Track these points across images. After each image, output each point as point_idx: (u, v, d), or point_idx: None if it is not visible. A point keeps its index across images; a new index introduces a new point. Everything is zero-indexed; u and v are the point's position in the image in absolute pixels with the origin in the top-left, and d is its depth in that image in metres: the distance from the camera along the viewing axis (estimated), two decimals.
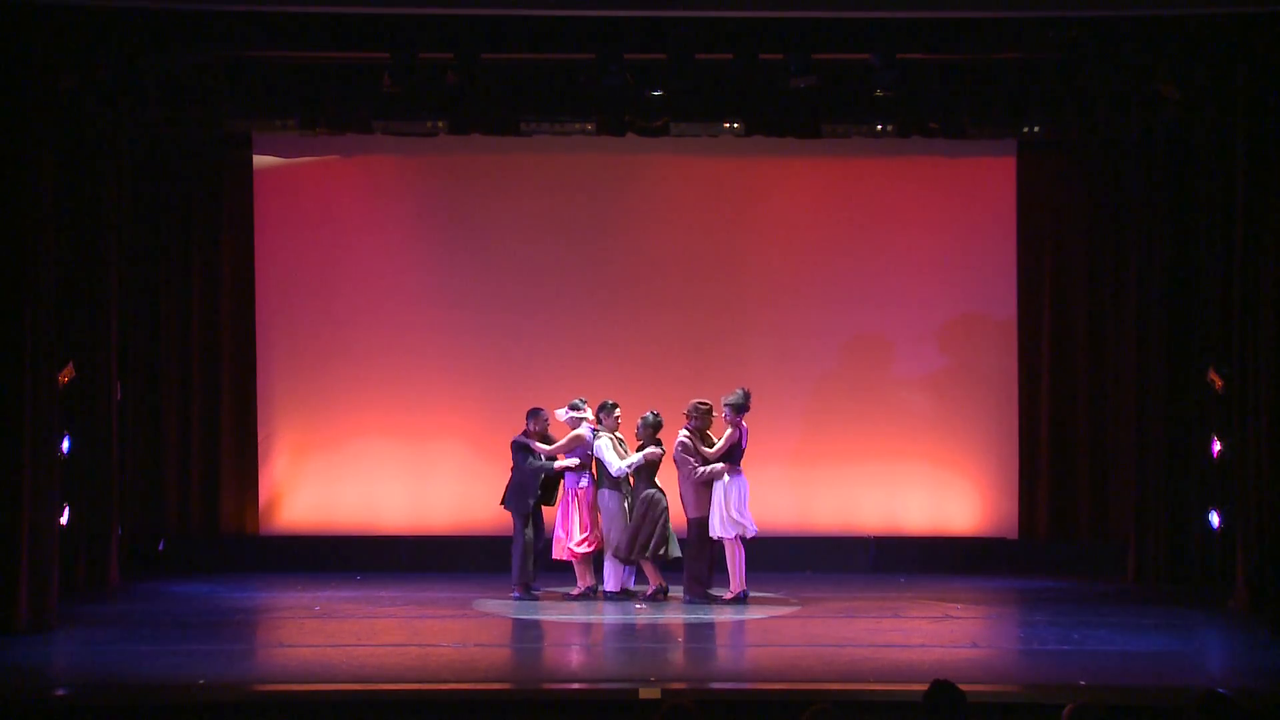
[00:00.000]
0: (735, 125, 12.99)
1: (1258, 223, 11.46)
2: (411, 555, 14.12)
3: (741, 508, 11.88)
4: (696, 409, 12.10)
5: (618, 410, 12.36)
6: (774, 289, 14.39)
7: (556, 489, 12.49)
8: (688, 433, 12.04)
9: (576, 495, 12.32)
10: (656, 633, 11.28)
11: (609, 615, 11.89)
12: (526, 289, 14.33)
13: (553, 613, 11.93)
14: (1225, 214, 12.47)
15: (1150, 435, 13.39)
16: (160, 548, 14.13)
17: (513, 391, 14.06)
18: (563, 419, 12.43)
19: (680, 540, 12.26)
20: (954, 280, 14.37)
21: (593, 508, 12.30)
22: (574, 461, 12.29)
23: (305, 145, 14.15)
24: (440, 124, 12.87)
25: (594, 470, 12.32)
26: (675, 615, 11.76)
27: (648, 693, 8.72)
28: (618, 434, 12.34)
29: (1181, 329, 13.25)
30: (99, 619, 11.47)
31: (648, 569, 12.23)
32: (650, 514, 12.05)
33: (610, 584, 12.29)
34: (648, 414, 12.25)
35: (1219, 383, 12.46)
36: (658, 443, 12.19)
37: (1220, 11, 10.97)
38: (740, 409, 11.97)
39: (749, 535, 11.98)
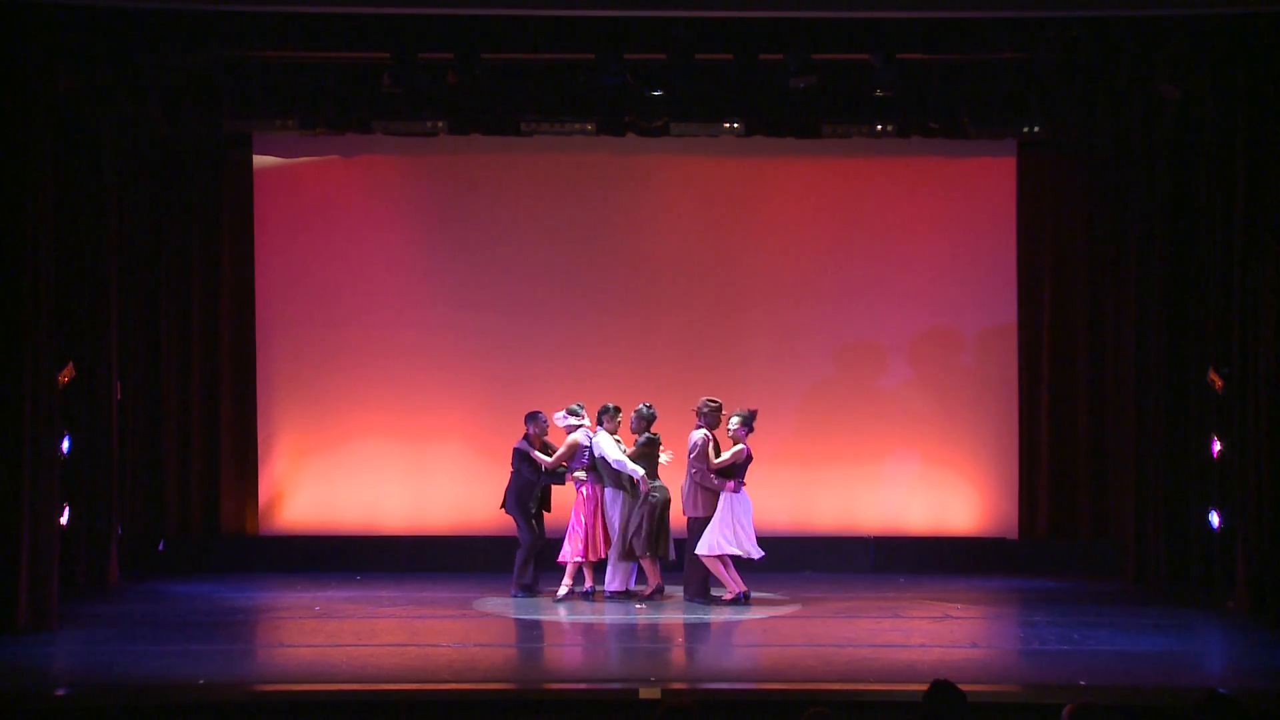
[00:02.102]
0: (735, 125, 12.99)
1: (1258, 223, 11.46)
2: (411, 555, 14.12)
3: (748, 527, 11.90)
4: (707, 405, 12.12)
5: (619, 415, 12.38)
6: (774, 289, 14.38)
7: (550, 496, 12.54)
8: (705, 433, 12.05)
9: (583, 500, 12.33)
10: (656, 633, 11.28)
11: (609, 615, 11.89)
12: (526, 289, 14.33)
13: (553, 613, 11.93)
14: (1225, 213, 12.46)
15: (1150, 435, 13.39)
16: (160, 548, 14.13)
17: (512, 391, 14.08)
18: (560, 424, 12.44)
19: (680, 540, 12.28)
20: (954, 280, 14.37)
21: (596, 512, 12.30)
22: (580, 474, 12.34)
23: (305, 145, 14.15)
24: (440, 124, 12.87)
25: (596, 472, 12.35)
26: (675, 615, 11.76)
27: (648, 693, 8.72)
28: (617, 436, 12.36)
29: (1181, 329, 13.24)
30: (99, 619, 11.48)
31: (647, 566, 12.24)
32: (655, 511, 12.07)
33: (615, 584, 12.28)
34: (640, 406, 12.28)
35: (1219, 383, 12.45)
36: (653, 445, 12.20)
37: (1220, 11, 10.97)
38: (749, 426, 11.99)
39: (754, 558, 11.98)
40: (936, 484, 14.36)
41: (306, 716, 8.77)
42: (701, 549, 11.90)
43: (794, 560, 13.76)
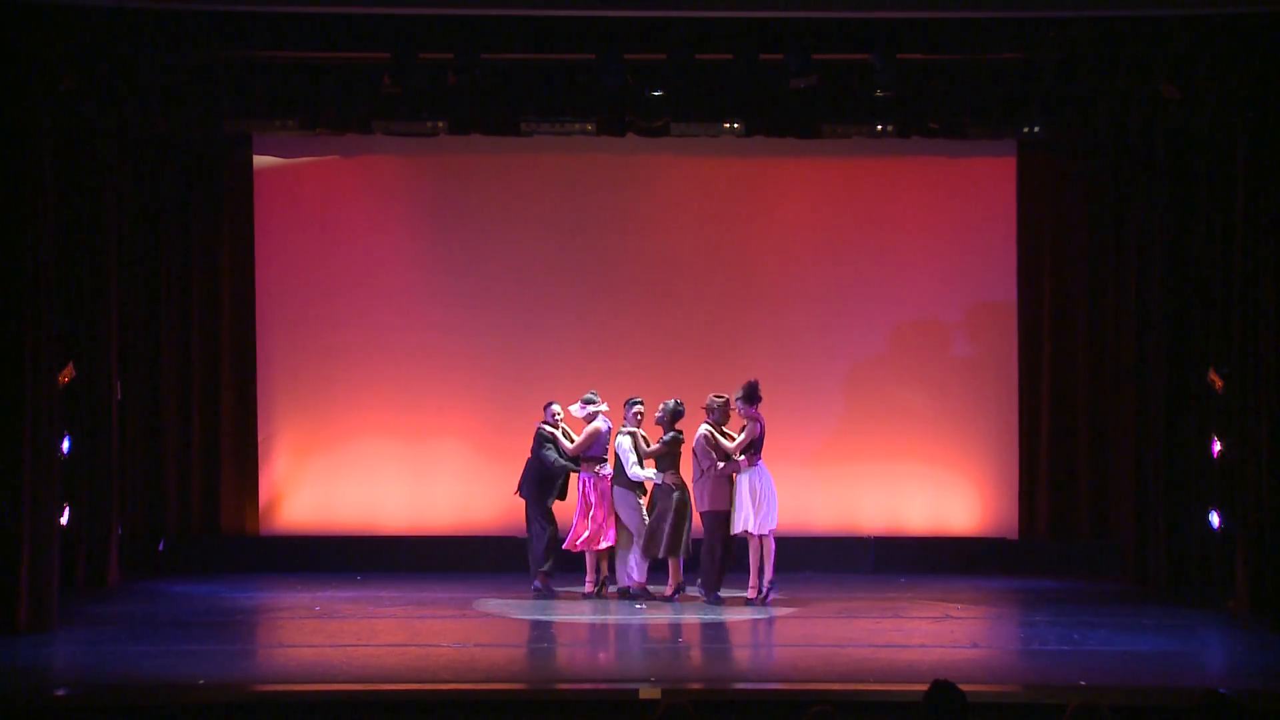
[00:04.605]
0: (735, 125, 12.97)
1: (1258, 223, 11.46)
2: (411, 555, 14.12)
3: (767, 501, 11.91)
4: (715, 401, 12.13)
5: (639, 405, 12.39)
6: (774, 289, 14.39)
7: (568, 485, 12.57)
8: (709, 427, 12.07)
9: (595, 488, 12.34)
10: (657, 633, 11.28)
11: (611, 614, 11.90)
12: (526, 289, 14.34)
13: (554, 612, 11.94)
14: (1225, 214, 12.46)
15: (1150, 435, 13.38)
16: (160, 548, 14.13)
17: (512, 391, 14.11)
18: (578, 415, 12.47)
19: (696, 539, 12.32)
20: (954, 280, 14.38)
21: (609, 501, 12.32)
22: (607, 470, 12.37)
23: (305, 145, 14.16)
24: (440, 124, 12.85)
25: (612, 463, 12.39)
26: (677, 615, 11.77)
27: (648, 693, 8.73)
28: (640, 430, 12.36)
29: (1181, 329, 13.24)
30: (99, 619, 11.49)
31: (671, 565, 12.26)
32: (678, 508, 12.08)
33: (637, 576, 12.27)
34: (669, 401, 12.27)
35: (1219, 383, 12.46)
36: (677, 443, 12.19)
37: (1220, 11, 10.97)
38: (750, 399, 11.99)
39: (764, 531, 11.96)
40: (936, 484, 14.36)
41: (306, 716, 8.77)
42: (739, 527, 11.92)
43: (794, 560, 13.75)
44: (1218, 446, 12.67)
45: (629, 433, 12.30)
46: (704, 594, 12.10)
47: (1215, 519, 12.78)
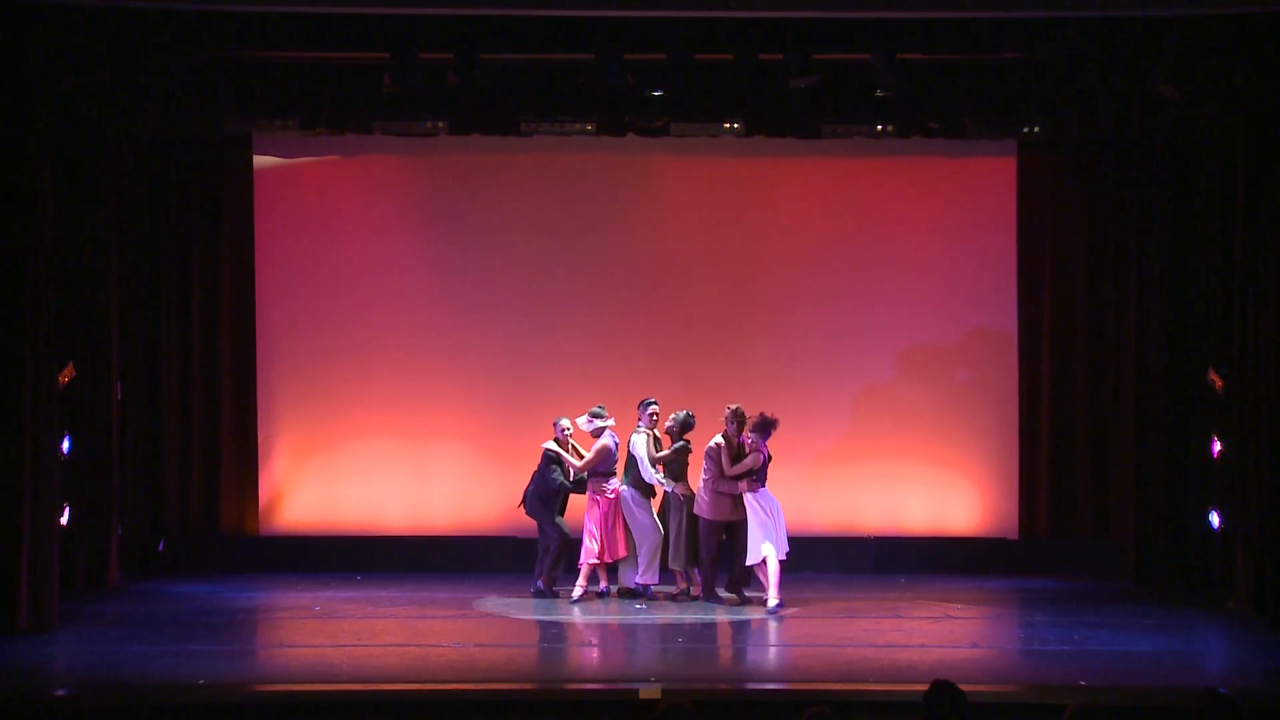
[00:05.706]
0: (735, 125, 12.99)
1: (1258, 223, 11.46)
2: (411, 555, 14.11)
3: (776, 526, 11.92)
4: (735, 415, 12.11)
5: (654, 406, 12.40)
6: (774, 289, 14.38)
7: (567, 500, 12.58)
8: (721, 439, 12.05)
9: (602, 503, 12.33)
10: (657, 633, 11.28)
11: (610, 615, 11.90)
12: (526, 289, 14.33)
13: (554, 613, 11.94)
14: (1225, 214, 12.47)
15: (1150, 435, 13.39)
16: (160, 548, 14.12)
17: (512, 391, 14.11)
18: (586, 429, 12.44)
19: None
20: (954, 280, 14.36)
21: (618, 515, 12.31)
22: (614, 484, 12.36)
23: (305, 145, 14.14)
24: (440, 124, 12.87)
25: (620, 469, 12.39)
26: (677, 615, 11.77)
27: (648, 693, 8.74)
28: (655, 431, 12.36)
29: (1181, 329, 13.25)
30: (99, 619, 11.49)
31: (680, 573, 12.27)
32: (691, 519, 12.10)
33: (647, 577, 12.28)
34: (680, 412, 12.29)
35: (1219, 383, 12.46)
36: (684, 452, 12.22)
37: (1220, 12, 10.97)
38: (763, 432, 11.99)
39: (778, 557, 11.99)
40: (936, 484, 14.35)
41: (306, 716, 8.78)
42: (756, 557, 11.91)
43: (794, 560, 13.71)
44: (1218, 446, 12.68)
45: (644, 433, 12.30)
46: (703, 595, 12.12)
47: (1215, 519, 12.79)
